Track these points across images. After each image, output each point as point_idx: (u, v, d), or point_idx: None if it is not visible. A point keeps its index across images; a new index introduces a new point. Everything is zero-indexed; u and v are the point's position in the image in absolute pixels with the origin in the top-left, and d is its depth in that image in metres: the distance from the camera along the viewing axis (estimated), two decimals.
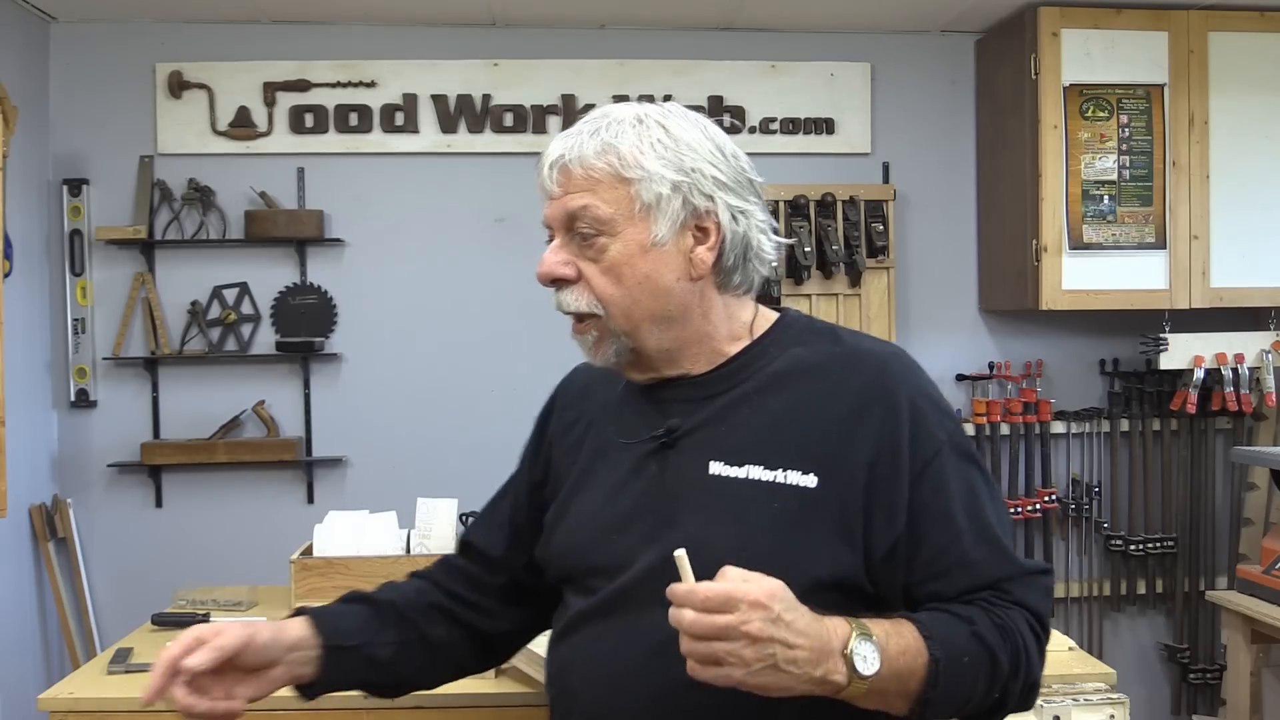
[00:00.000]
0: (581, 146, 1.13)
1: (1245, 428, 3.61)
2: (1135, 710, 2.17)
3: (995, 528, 1.15)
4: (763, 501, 1.11)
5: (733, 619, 0.93)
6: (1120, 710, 1.86)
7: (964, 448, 1.17)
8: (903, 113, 3.58)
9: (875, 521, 1.11)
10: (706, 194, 1.13)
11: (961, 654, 1.06)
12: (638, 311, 1.14)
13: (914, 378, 1.18)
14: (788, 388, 1.16)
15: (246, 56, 3.39)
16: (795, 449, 1.13)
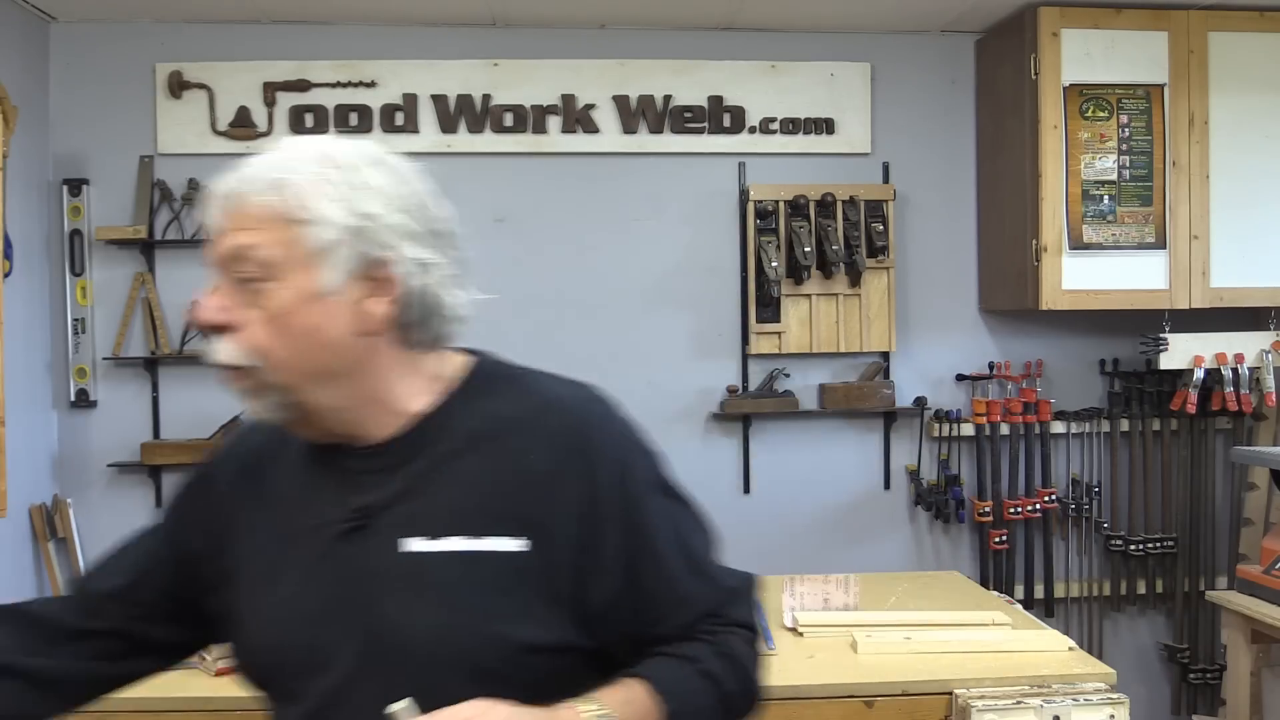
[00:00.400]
0: (252, 181, 1.02)
1: (1245, 428, 3.61)
2: (1135, 710, 2.17)
3: (703, 557, 1.16)
4: (468, 574, 1.04)
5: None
6: (1120, 710, 1.86)
7: (665, 485, 1.15)
8: (903, 113, 3.58)
9: (591, 577, 1.07)
10: (385, 244, 1.05)
11: (692, 695, 1.09)
12: (301, 366, 1.03)
13: (612, 423, 1.13)
14: (483, 448, 1.08)
15: (246, 56, 3.39)
16: (499, 513, 1.05)
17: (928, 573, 3.25)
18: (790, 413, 3.48)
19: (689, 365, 3.52)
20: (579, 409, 1.13)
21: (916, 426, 3.60)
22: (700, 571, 1.15)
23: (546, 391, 1.14)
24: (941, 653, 2.05)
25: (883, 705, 1.90)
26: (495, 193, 3.47)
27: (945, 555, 3.63)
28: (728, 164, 3.52)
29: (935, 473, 3.59)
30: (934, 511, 3.58)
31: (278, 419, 1.06)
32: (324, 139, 1.11)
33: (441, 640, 1.01)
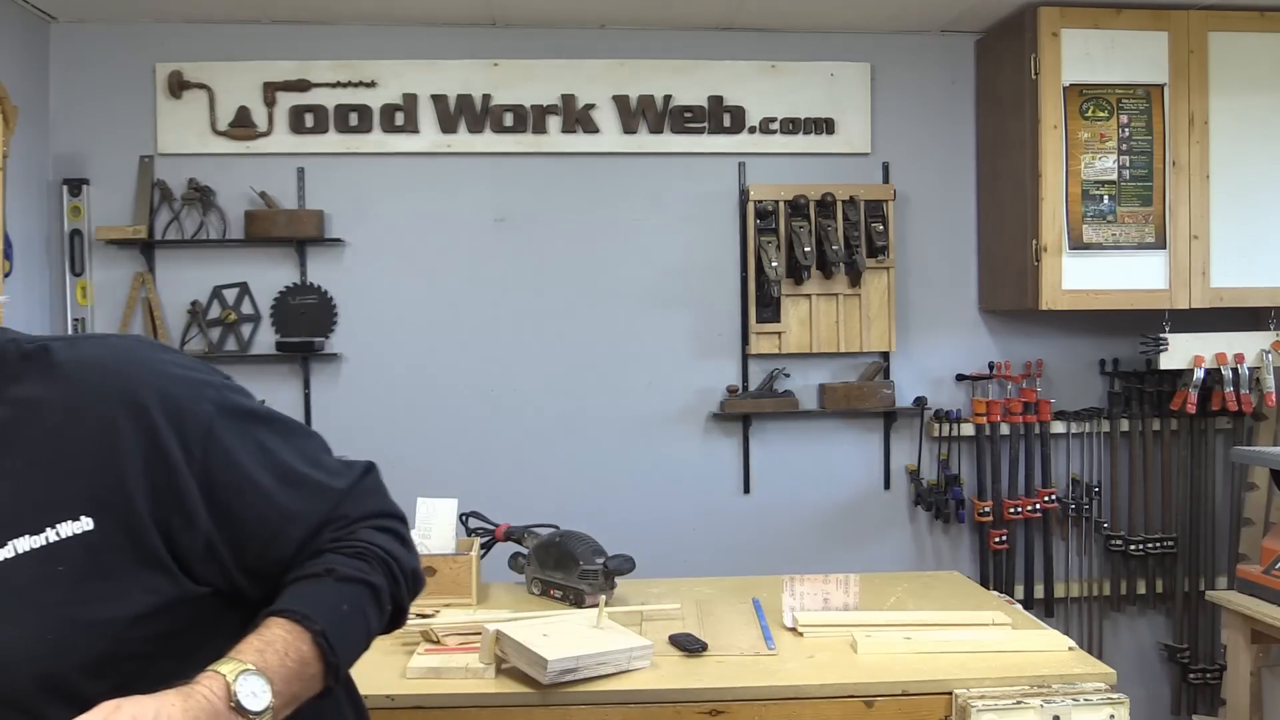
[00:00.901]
0: None
1: (1245, 428, 3.61)
2: (1135, 710, 2.17)
3: (301, 468, 1.12)
4: (44, 572, 0.96)
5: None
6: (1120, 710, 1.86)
7: (236, 406, 1.09)
8: (903, 113, 3.58)
9: (175, 529, 1.02)
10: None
11: (338, 606, 1.06)
12: None
13: (152, 366, 1.06)
14: (21, 437, 1.00)
15: (246, 56, 3.39)
16: (58, 497, 0.98)
17: (928, 573, 3.25)
18: (790, 413, 3.48)
19: (689, 365, 3.52)
20: (114, 365, 1.05)
21: (916, 426, 3.60)
22: (299, 483, 1.11)
23: (75, 357, 1.06)
24: (941, 653, 2.05)
25: (883, 705, 1.90)
26: (495, 193, 3.47)
27: (945, 555, 3.63)
28: (728, 164, 3.52)
29: (935, 473, 3.59)
30: (934, 511, 3.58)
31: None
32: None
33: (35, 650, 0.94)
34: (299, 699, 1.01)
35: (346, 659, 1.07)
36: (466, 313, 3.47)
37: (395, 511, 1.20)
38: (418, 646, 2.02)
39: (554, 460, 3.46)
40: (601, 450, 3.48)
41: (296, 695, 1.01)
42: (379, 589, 1.11)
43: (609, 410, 3.50)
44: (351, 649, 1.09)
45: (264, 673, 0.96)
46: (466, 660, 1.89)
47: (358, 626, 1.09)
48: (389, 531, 1.16)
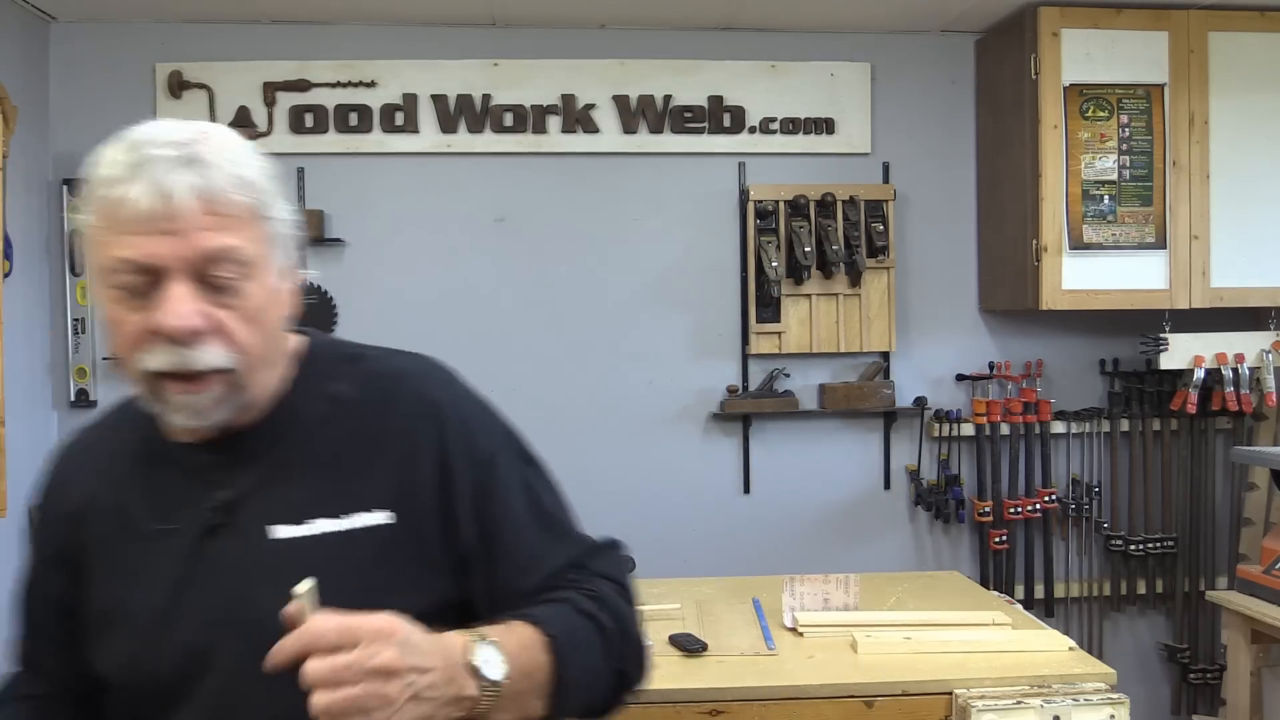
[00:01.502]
0: (217, 174, 0.98)
1: (1245, 428, 3.61)
2: (1135, 710, 2.17)
3: (557, 516, 1.16)
4: (339, 554, 1.03)
5: (359, 654, 0.85)
6: (1120, 710, 1.86)
7: (516, 443, 1.17)
8: (903, 113, 3.58)
9: (451, 535, 1.08)
10: (296, 231, 1.07)
11: (573, 628, 1.04)
12: (264, 358, 1.04)
13: (455, 388, 1.15)
14: (335, 429, 1.08)
15: (246, 56, 3.39)
16: (360, 489, 1.06)
17: (928, 573, 3.25)
18: (790, 413, 3.48)
19: (689, 365, 3.52)
20: (422, 378, 1.14)
21: (916, 426, 3.60)
22: (554, 529, 1.15)
23: (388, 367, 1.14)
24: (941, 653, 2.05)
25: (883, 705, 1.90)
26: (495, 193, 3.47)
27: (945, 555, 3.63)
28: (728, 164, 3.52)
29: (935, 473, 3.59)
30: (934, 511, 3.58)
31: (221, 419, 1.02)
32: (194, 123, 1.04)
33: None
34: (519, 702, 0.98)
35: (571, 685, 1.02)
36: (466, 313, 3.47)
37: (629, 587, 1.16)
38: None
39: (553, 460, 3.43)
40: (601, 450, 3.48)
41: (518, 695, 0.97)
42: (611, 636, 1.08)
43: (609, 410, 3.50)
44: (579, 677, 1.03)
45: (504, 650, 0.95)
46: None
47: (588, 658, 1.05)
48: (626, 600, 1.14)
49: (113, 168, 1.00)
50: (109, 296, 1.00)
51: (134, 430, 1.12)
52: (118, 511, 1.09)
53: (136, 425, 1.11)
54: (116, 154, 1.02)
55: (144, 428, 1.10)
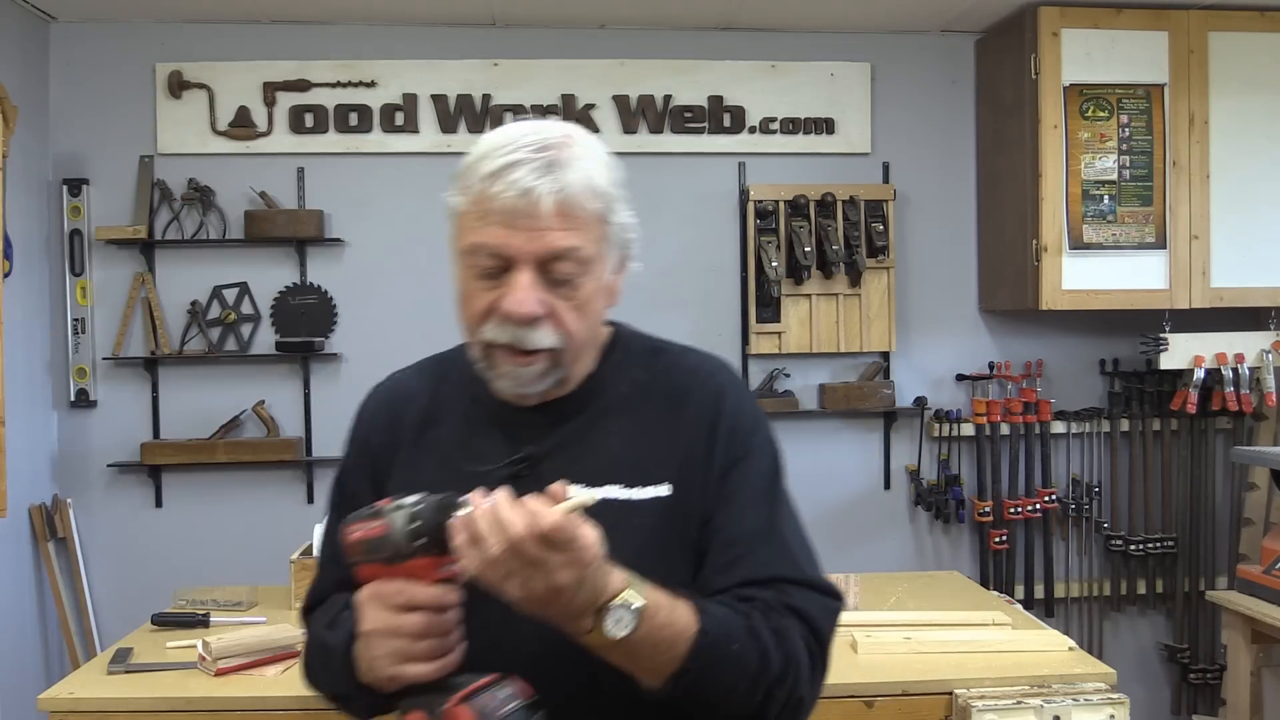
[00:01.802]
0: (574, 182, 1.10)
1: (1245, 428, 3.61)
2: (1135, 710, 2.17)
3: (785, 534, 1.18)
4: (626, 519, 1.12)
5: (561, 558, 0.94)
6: (1120, 710, 1.86)
7: (774, 451, 1.23)
8: (903, 113, 3.58)
9: (702, 510, 1.17)
10: (630, 232, 1.22)
11: (730, 639, 1.07)
12: (586, 344, 1.19)
13: (739, 389, 1.26)
14: (632, 409, 1.20)
15: (246, 56, 3.39)
16: (648, 464, 1.17)
17: (928, 573, 3.25)
18: (790, 413, 3.48)
19: None
20: (712, 373, 1.25)
21: (916, 426, 3.60)
22: (775, 542, 1.17)
23: (684, 361, 1.27)
24: (941, 653, 2.05)
25: (883, 705, 1.90)
26: None
27: (945, 555, 3.63)
28: (728, 164, 3.52)
29: (935, 473, 3.59)
30: (934, 511, 3.58)
31: (541, 390, 1.16)
32: (557, 124, 1.16)
33: None
34: (632, 661, 1.04)
35: (697, 678, 1.05)
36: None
37: (826, 642, 1.16)
38: None
39: None
40: None
41: (632, 655, 1.03)
42: (770, 671, 1.09)
43: None
44: (709, 678, 1.06)
45: (642, 619, 1.00)
46: None
47: (728, 670, 1.07)
48: (810, 652, 1.14)
49: (487, 163, 1.11)
50: (465, 273, 1.16)
51: (460, 383, 1.26)
52: (438, 449, 1.23)
53: (463, 379, 1.26)
54: (492, 149, 1.12)
55: (470, 383, 1.24)
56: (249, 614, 2.30)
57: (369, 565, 1.04)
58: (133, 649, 2.07)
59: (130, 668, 1.97)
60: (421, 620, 1.02)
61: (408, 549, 1.00)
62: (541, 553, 0.94)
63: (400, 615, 1.02)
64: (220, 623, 2.24)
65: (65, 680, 1.97)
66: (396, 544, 1.00)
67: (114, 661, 2.00)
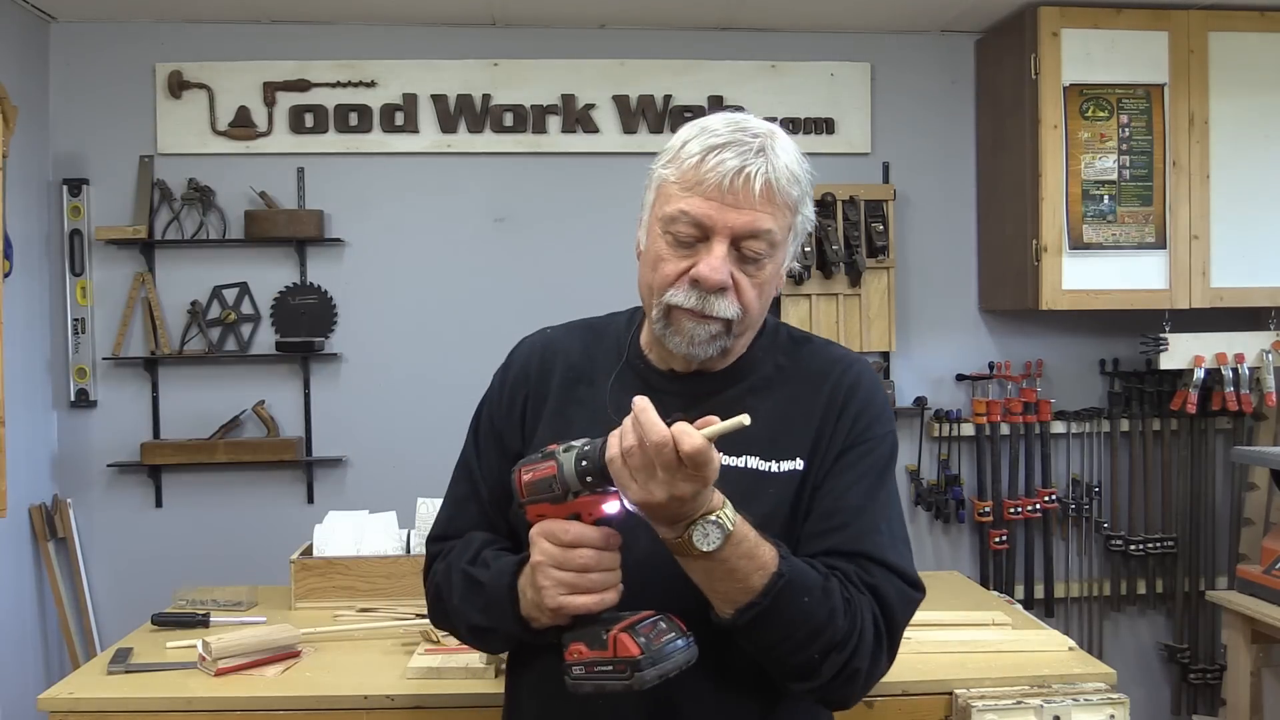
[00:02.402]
0: (779, 170, 1.20)
1: (1245, 428, 3.61)
2: (1135, 710, 2.17)
3: (881, 518, 1.24)
4: (760, 488, 1.23)
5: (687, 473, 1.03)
6: (1120, 710, 1.86)
7: (893, 453, 1.30)
8: (903, 113, 3.58)
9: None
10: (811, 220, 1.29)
11: (804, 591, 1.13)
12: (758, 318, 1.28)
13: (874, 380, 1.35)
14: (775, 391, 1.30)
15: (246, 56, 3.39)
16: (785, 441, 1.26)
17: (928, 573, 3.24)
18: None
19: None
20: (851, 365, 1.33)
21: (916, 426, 3.60)
22: (869, 521, 1.23)
23: (826, 352, 1.35)
24: (941, 653, 2.05)
25: (883, 705, 1.89)
26: (495, 193, 3.47)
27: (945, 555, 3.63)
28: None
29: (935, 473, 3.59)
30: (934, 511, 3.58)
31: (701, 358, 1.25)
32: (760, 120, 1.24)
33: None
34: (709, 581, 1.12)
35: (763, 618, 1.12)
36: (466, 313, 3.46)
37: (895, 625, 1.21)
38: (418, 646, 2.02)
39: None
40: None
41: (709, 573, 1.11)
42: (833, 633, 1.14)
43: None
44: (774, 619, 1.12)
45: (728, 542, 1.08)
46: (466, 660, 1.89)
47: (793, 616, 1.13)
48: (878, 629, 1.19)
49: (700, 140, 1.20)
50: (661, 240, 1.24)
51: (613, 347, 1.37)
52: (589, 405, 1.32)
53: (616, 343, 1.37)
54: (705, 130, 1.21)
55: (623, 348, 1.36)
56: (249, 614, 2.30)
57: (539, 504, 1.14)
58: (133, 649, 2.07)
59: (130, 668, 1.97)
60: (590, 555, 1.10)
61: (576, 486, 1.10)
62: (675, 464, 1.02)
63: (570, 550, 1.11)
64: (220, 623, 2.24)
65: (65, 680, 1.97)
66: (566, 482, 1.11)
67: (114, 661, 2.00)
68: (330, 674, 1.93)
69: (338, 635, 2.14)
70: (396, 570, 2.36)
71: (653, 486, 1.04)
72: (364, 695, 1.83)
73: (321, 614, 2.28)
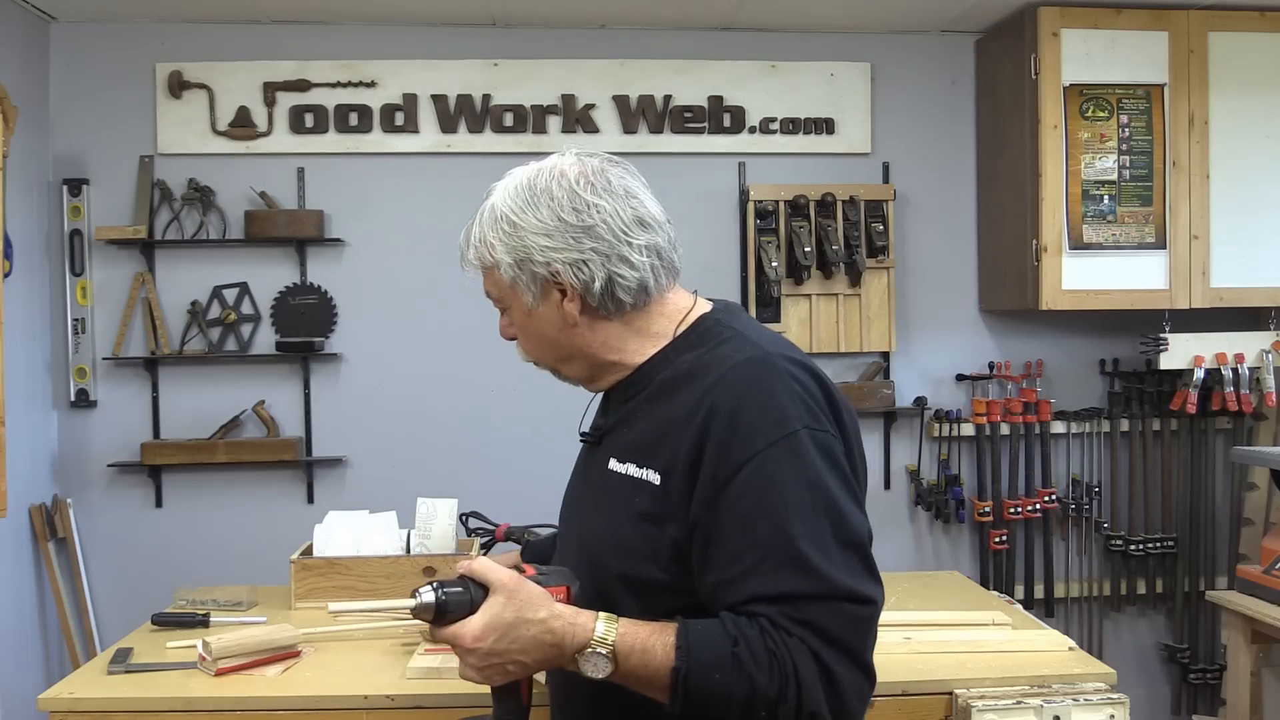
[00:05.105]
0: (466, 240, 1.42)
1: (1245, 428, 3.61)
2: (1135, 710, 2.17)
3: (801, 543, 1.13)
4: (629, 495, 1.26)
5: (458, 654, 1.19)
6: (1120, 710, 1.86)
7: (791, 454, 1.16)
8: (903, 113, 3.58)
9: (685, 523, 1.20)
10: (544, 262, 1.30)
11: (711, 669, 1.12)
12: (547, 358, 1.41)
13: (749, 384, 1.20)
14: (667, 393, 1.29)
15: (246, 56, 3.39)
16: (652, 448, 1.26)
17: (927, 573, 3.25)
18: None
19: None
20: (730, 368, 1.23)
21: (916, 426, 3.60)
22: (790, 554, 1.13)
23: (723, 350, 1.27)
24: (941, 653, 2.05)
25: (883, 705, 1.89)
26: None
27: (945, 555, 3.63)
28: (728, 164, 3.52)
29: (935, 473, 3.59)
30: (934, 511, 3.58)
31: (577, 385, 1.44)
32: (497, 186, 1.40)
33: (597, 543, 1.29)
34: (631, 687, 1.18)
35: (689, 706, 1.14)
36: (466, 312, 3.45)
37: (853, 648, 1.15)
38: (418, 646, 2.02)
39: (554, 461, 3.44)
40: None
41: (628, 685, 1.18)
42: (761, 696, 1.11)
43: None
44: (698, 705, 1.13)
45: (616, 661, 1.15)
46: None
47: (715, 698, 1.13)
48: (822, 663, 1.12)
49: None
50: None
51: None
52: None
53: None
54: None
55: None
56: (249, 614, 2.30)
57: None
58: (133, 649, 2.07)
59: (130, 668, 1.97)
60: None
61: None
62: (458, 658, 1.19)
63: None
64: (220, 623, 2.24)
65: (65, 680, 1.97)
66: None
67: (114, 661, 2.00)
68: (330, 674, 1.93)
69: (338, 635, 2.14)
70: (396, 570, 2.36)
71: (463, 670, 1.19)
72: (364, 695, 1.84)
73: (321, 614, 2.28)
